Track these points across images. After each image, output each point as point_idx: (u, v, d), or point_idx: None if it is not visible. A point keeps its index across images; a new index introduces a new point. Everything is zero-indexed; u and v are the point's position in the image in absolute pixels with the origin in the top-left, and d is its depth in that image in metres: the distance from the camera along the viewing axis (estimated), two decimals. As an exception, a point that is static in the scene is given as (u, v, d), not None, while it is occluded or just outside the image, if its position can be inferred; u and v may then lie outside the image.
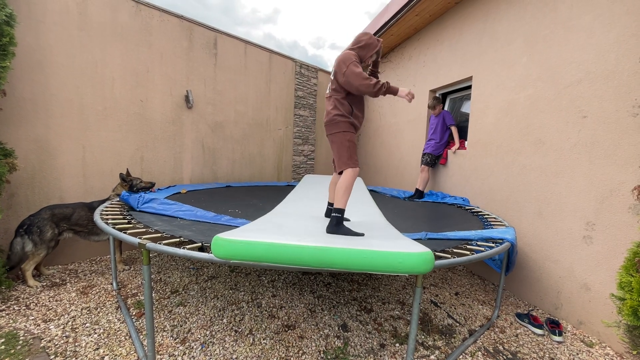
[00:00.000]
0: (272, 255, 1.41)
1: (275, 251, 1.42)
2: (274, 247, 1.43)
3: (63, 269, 3.22)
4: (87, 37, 3.32)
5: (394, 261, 1.37)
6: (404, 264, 1.36)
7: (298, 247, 1.42)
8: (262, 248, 1.42)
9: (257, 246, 1.43)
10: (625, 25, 2.29)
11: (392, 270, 1.38)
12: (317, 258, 1.40)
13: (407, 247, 1.47)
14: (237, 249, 1.43)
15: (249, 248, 1.43)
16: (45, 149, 3.14)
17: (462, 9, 3.92)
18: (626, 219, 2.25)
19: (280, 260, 1.42)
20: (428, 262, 1.38)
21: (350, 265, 1.40)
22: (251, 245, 1.43)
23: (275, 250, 1.42)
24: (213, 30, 4.38)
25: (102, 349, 1.99)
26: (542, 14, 2.92)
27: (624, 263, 1.75)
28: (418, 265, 1.37)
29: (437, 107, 4.21)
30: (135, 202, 2.75)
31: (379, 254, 1.39)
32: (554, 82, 2.81)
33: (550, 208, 2.82)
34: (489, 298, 3.06)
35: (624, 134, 2.29)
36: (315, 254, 1.41)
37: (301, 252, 1.41)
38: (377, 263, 1.38)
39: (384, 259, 1.38)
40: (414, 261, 1.36)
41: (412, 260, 1.36)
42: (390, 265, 1.37)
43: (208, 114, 4.44)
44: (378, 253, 1.39)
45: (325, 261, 1.41)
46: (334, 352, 2.09)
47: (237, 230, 1.67)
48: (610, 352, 2.27)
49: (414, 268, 1.37)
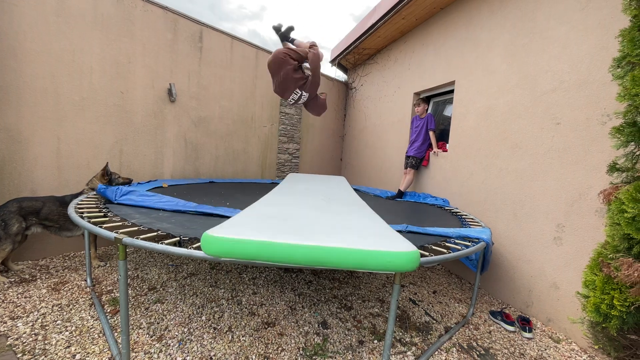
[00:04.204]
0: (264, 253, 1.40)
1: (267, 250, 1.41)
2: (266, 245, 1.41)
3: (33, 264, 3.08)
4: (64, 23, 3.18)
5: (384, 260, 1.41)
6: (393, 263, 1.41)
7: (290, 245, 1.42)
8: (254, 247, 1.40)
9: (248, 244, 1.41)
10: (597, 37, 2.42)
11: (381, 269, 1.43)
12: (310, 257, 1.41)
13: (397, 246, 1.50)
14: (227, 247, 1.41)
15: (240, 246, 1.41)
16: (16, 138, 2.99)
17: (446, 15, 4.01)
18: (593, 221, 2.38)
19: (272, 259, 1.41)
20: (415, 260, 1.44)
21: (342, 264, 1.42)
22: (242, 244, 1.41)
23: (267, 248, 1.41)
24: (199, 23, 4.30)
25: (73, 347, 1.93)
26: (522, 24, 3.03)
27: (589, 263, 1.84)
28: (406, 263, 1.43)
29: (422, 106, 4.27)
30: (113, 194, 2.65)
31: (370, 253, 1.42)
32: (531, 90, 2.93)
33: (524, 210, 2.94)
34: (465, 296, 3.16)
35: (593, 140, 2.41)
36: (307, 253, 1.41)
37: (293, 251, 1.41)
38: (368, 262, 1.42)
39: (374, 258, 1.42)
40: (403, 260, 1.42)
41: (401, 259, 1.42)
42: (380, 263, 1.41)
43: (192, 108, 4.35)
44: (369, 252, 1.42)
45: (317, 260, 1.42)
46: (313, 348, 2.10)
47: (226, 224, 1.62)
48: (575, 348, 2.40)
49: (403, 266, 1.43)
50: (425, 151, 4.29)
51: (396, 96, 5.06)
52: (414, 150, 4.29)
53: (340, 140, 6.87)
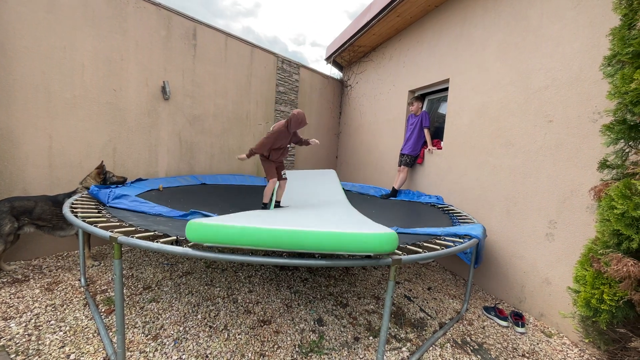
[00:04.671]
0: (245, 237, 1.46)
1: (248, 234, 1.46)
2: (247, 230, 1.47)
3: (26, 264, 3.05)
4: (55, 20, 3.13)
5: (360, 241, 1.45)
6: (369, 244, 1.46)
7: (271, 230, 1.47)
8: (235, 231, 1.46)
9: (230, 229, 1.47)
10: (588, 36, 2.44)
11: (359, 250, 1.47)
12: (289, 240, 1.46)
13: (373, 229, 1.55)
14: (210, 232, 1.47)
15: (222, 231, 1.47)
16: (6, 137, 2.95)
17: (441, 13, 4.02)
18: (584, 217, 2.42)
19: (253, 243, 1.46)
20: (392, 241, 1.48)
21: (320, 246, 1.46)
22: (224, 229, 1.47)
23: (248, 232, 1.46)
24: (192, 20, 4.26)
25: (68, 347, 1.91)
26: (515, 22, 3.05)
27: (580, 258, 1.88)
28: (383, 244, 1.47)
29: (416, 104, 4.29)
30: (105, 197, 2.63)
31: (347, 235, 1.47)
32: (524, 87, 2.95)
33: (518, 207, 2.97)
34: (460, 292, 3.19)
35: (584, 138, 2.44)
36: (287, 235, 1.46)
37: (274, 235, 1.46)
38: (345, 243, 1.46)
39: (351, 239, 1.46)
40: (379, 240, 1.46)
41: (377, 239, 1.46)
42: (357, 245, 1.46)
43: (186, 106, 4.32)
44: (346, 234, 1.47)
45: (297, 243, 1.46)
46: (309, 345, 2.11)
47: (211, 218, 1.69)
48: (566, 342, 2.44)
49: (380, 247, 1.47)
50: (420, 149, 4.31)
51: (391, 94, 5.07)
52: (408, 148, 4.31)
53: (335, 138, 6.87)
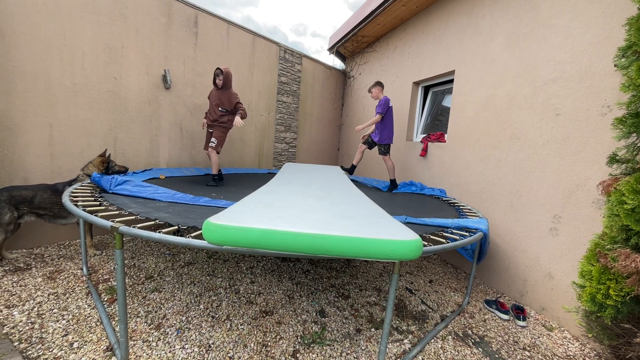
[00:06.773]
0: (267, 242, 1.38)
1: (270, 238, 1.38)
2: (269, 233, 1.38)
3: (28, 253, 3.05)
4: (54, 5, 3.06)
5: (387, 249, 1.39)
6: (396, 252, 1.39)
7: (294, 234, 1.39)
8: (257, 234, 1.38)
9: (251, 232, 1.38)
10: (600, 27, 2.38)
11: (384, 257, 1.41)
12: (313, 245, 1.39)
13: (399, 234, 1.49)
14: (230, 234, 1.38)
15: (243, 234, 1.38)
16: (6, 125, 2.91)
17: (447, 2, 3.94)
18: (590, 212, 2.40)
19: (275, 247, 1.39)
20: (417, 249, 1.43)
21: (345, 252, 1.40)
22: (245, 232, 1.38)
23: (270, 236, 1.38)
24: (194, 7, 4.17)
25: (71, 335, 1.92)
26: (524, 12, 2.98)
27: (586, 253, 1.86)
28: (409, 252, 1.41)
29: (374, 90, 4.18)
30: (108, 183, 2.61)
31: (372, 242, 1.40)
32: (531, 80, 2.90)
33: (522, 201, 2.95)
34: (461, 285, 3.20)
35: (593, 132, 2.41)
36: (311, 241, 1.39)
37: (297, 239, 1.38)
38: (371, 250, 1.40)
39: (376, 246, 1.40)
40: (406, 249, 1.40)
41: (404, 247, 1.40)
42: (383, 252, 1.40)
43: (187, 95, 4.26)
44: (371, 241, 1.40)
45: (321, 249, 1.40)
46: (311, 337, 2.12)
47: (227, 212, 1.59)
48: (567, 336, 2.45)
49: (405, 255, 1.41)
50: (388, 136, 4.15)
51: (395, 85, 5.00)
52: (376, 137, 4.21)
53: (337, 129, 6.82)
